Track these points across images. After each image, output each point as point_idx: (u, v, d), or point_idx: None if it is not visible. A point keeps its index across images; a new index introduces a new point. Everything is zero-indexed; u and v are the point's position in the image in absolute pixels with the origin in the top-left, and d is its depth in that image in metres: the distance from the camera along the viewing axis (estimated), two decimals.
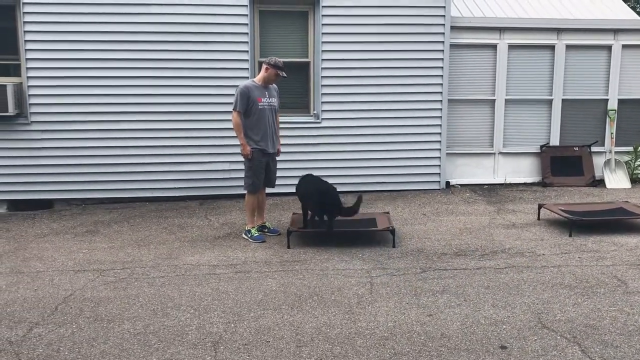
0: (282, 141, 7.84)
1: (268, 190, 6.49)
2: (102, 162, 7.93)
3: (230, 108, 6.54)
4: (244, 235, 6.24)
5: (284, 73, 6.15)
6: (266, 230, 6.38)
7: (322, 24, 8.05)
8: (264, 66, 6.11)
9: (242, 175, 6.31)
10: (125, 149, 7.96)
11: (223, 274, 5.03)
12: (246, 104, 5.97)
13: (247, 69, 7.98)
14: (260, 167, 6.13)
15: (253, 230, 6.20)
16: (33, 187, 7.88)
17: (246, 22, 7.92)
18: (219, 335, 3.81)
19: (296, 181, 6.34)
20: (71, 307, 4.32)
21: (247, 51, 7.97)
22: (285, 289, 4.63)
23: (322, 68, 8.13)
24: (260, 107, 6.05)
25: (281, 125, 8.06)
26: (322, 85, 8.17)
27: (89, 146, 7.88)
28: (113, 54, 7.78)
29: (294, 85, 8.31)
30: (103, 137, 7.89)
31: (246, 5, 7.89)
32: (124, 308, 4.30)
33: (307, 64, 8.24)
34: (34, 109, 7.76)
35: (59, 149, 7.85)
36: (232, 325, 3.97)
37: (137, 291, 4.65)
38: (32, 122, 7.77)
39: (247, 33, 7.94)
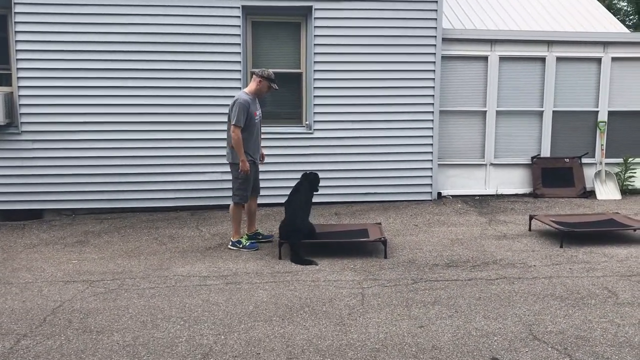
0: (275, 152, 8.00)
1: (261, 201, 6.62)
2: (92, 172, 7.89)
3: (223, 119, 6.69)
4: (230, 247, 6.21)
5: (276, 85, 6.18)
6: (260, 237, 6.41)
7: (315, 35, 8.08)
8: (256, 78, 6.10)
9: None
10: (116, 159, 7.93)
11: (214, 285, 5.00)
12: (246, 119, 5.93)
13: (240, 79, 7.99)
14: (251, 179, 6.17)
15: (244, 240, 6.20)
16: (23, 197, 7.83)
17: (239, 33, 7.94)
18: (209, 347, 3.78)
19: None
20: (60, 319, 4.28)
21: (240, 62, 7.98)
22: (276, 300, 4.61)
23: (314, 79, 8.15)
24: (255, 121, 6.09)
25: (274, 136, 8.14)
26: (314, 96, 8.19)
27: (80, 156, 7.85)
28: (105, 63, 7.77)
29: (287, 95, 8.33)
30: (94, 147, 7.87)
31: (239, 17, 7.91)
32: (113, 319, 4.27)
33: (300, 74, 8.26)
34: (24, 119, 7.72)
35: (50, 158, 7.81)
36: (223, 337, 3.95)
37: (126, 302, 4.62)
38: (22, 131, 7.73)
39: (239, 44, 7.96)
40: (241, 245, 6.16)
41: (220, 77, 7.98)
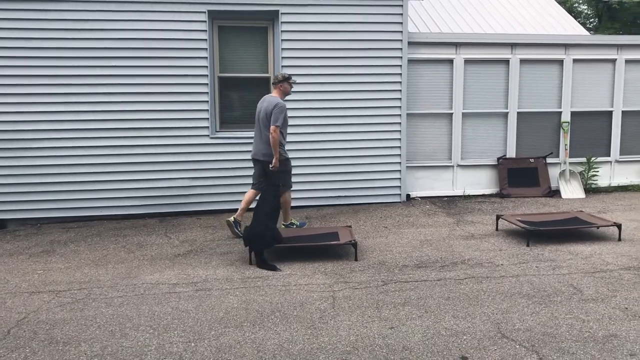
0: (245, 157, 8.04)
1: (232, 206, 6.93)
2: (57, 181, 7.75)
3: (190, 124, 7.54)
4: (283, 225, 6.96)
5: (293, 78, 6.98)
6: (294, 226, 7.06)
7: (282, 40, 8.08)
8: (280, 85, 6.76)
9: (202, 192, 7.60)
10: (81, 167, 7.80)
11: (183, 292, 4.95)
12: (283, 121, 6.60)
13: (207, 84, 7.95)
14: (291, 171, 6.97)
15: (295, 221, 7.14)
16: None
17: (205, 38, 7.90)
18: (179, 355, 3.74)
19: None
20: (24, 331, 4.18)
21: (207, 66, 7.94)
22: (247, 306, 4.59)
23: None
24: (288, 122, 6.93)
25: (242, 141, 8.12)
26: None
27: (44, 164, 7.71)
28: (68, 70, 7.65)
29: (255, 100, 8.26)
30: (58, 155, 7.73)
31: (205, 21, 7.87)
32: (80, 330, 4.19)
33: (268, 79, 8.25)
34: None
35: (12, 167, 7.65)
36: (193, 344, 3.91)
37: (94, 312, 4.54)
38: None
39: (205, 48, 7.91)
40: (294, 227, 6.96)
41: (186, 82, 7.93)
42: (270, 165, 6.51)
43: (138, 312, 4.52)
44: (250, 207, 6.68)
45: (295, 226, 7.03)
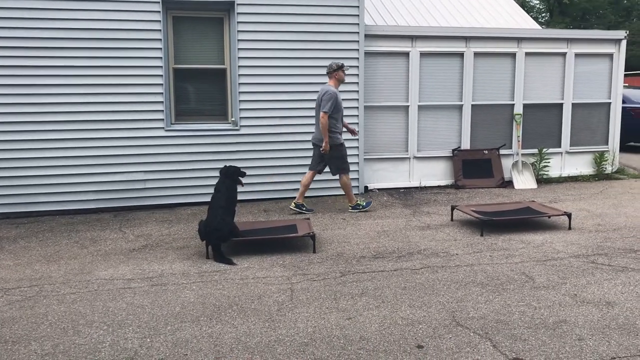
0: (201, 149, 7.99)
1: (188, 200, 7.16)
2: (4, 175, 7.49)
3: (144, 116, 7.60)
4: (351, 211, 7.59)
5: (346, 65, 7.57)
6: (360, 207, 7.61)
7: (238, 31, 8.00)
8: (335, 73, 7.35)
9: (157, 185, 7.52)
10: (30, 160, 7.56)
11: (138, 288, 4.87)
12: (333, 107, 7.19)
13: (161, 75, 7.81)
14: (346, 154, 7.55)
15: (361, 201, 7.64)
16: None
17: (159, 28, 7.75)
18: (134, 351, 3.68)
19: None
20: None
21: (161, 57, 7.79)
22: (203, 300, 4.55)
23: (239, 75, 8.07)
24: (342, 109, 7.50)
25: (199, 133, 8.02)
26: (239, 92, 8.11)
27: None
28: (15, 60, 7.38)
29: (211, 92, 8.22)
30: (4, 149, 7.47)
31: (159, 11, 7.71)
32: (31, 328, 4.07)
33: (224, 70, 8.17)
34: None
35: None
36: (148, 340, 3.85)
37: (45, 309, 4.42)
38: None
39: (160, 39, 7.76)
40: (361, 207, 7.54)
41: (140, 73, 7.76)
42: (321, 149, 7.26)
43: (92, 308, 4.42)
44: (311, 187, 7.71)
45: (361, 207, 7.57)
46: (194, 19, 8.07)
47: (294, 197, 8.42)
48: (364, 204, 7.62)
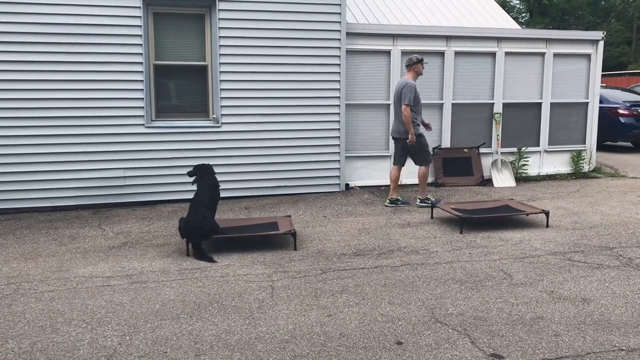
0: (182, 146, 8.00)
1: (168, 197, 7.08)
2: None
3: (125, 112, 7.66)
4: (419, 204, 7.71)
5: (425, 59, 7.77)
6: (429, 201, 7.61)
7: (219, 27, 7.97)
8: (414, 66, 7.56)
9: (137, 182, 7.57)
10: (9, 157, 7.46)
11: (118, 285, 4.84)
12: (414, 99, 7.38)
13: (142, 72, 7.75)
14: (427, 145, 7.74)
15: (431, 197, 7.72)
16: None
17: (139, 24, 7.68)
18: (113, 349, 3.66)
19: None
20: None
21: (142, 54, 7.73)
22: (183, 298, 4.53)
23: (220, 72, 8.04)
24: (420, 100, 7.63)
25: (180, 130, 7.98)
26: (220, 89, 8.08)
27: None
28: None
29: (192, 89, 8.18)
30: None
31: (139, 7, 7.65)
32: (8, 326, 4.02)
33: (205, 67, 8.13)
34: None
35: None
36: (128, 337, 3.83)
37: (23, 307, 4.37)
38: None
39: (140, 35, 7.70)
40: (429, 202, 7.53)
41: (121, 69, 7.69)
42: (407, 141, 7.42)
43: (70, 306, 4.38)
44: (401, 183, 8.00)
45: (430, 202, 7.53)
46: (175, 15, 8.02)
47: (275, 195, 8.43)
48: (434, 200, 7.63)
